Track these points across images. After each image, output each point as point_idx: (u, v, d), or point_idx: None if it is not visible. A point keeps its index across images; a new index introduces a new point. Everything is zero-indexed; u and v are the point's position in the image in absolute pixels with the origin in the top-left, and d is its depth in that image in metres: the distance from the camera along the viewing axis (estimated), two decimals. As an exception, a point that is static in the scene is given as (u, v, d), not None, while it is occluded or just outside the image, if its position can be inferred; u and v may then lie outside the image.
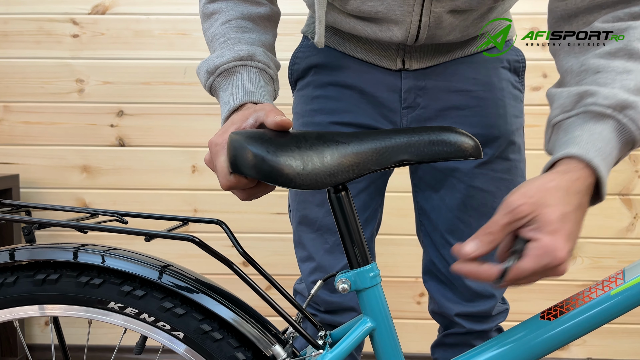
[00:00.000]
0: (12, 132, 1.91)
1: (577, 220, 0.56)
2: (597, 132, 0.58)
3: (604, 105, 0.58)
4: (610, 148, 0.58)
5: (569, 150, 0.58)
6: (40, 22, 1.88)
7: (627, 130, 0.59)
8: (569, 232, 0.55)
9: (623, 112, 0.58)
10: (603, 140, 0.58)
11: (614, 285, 0.61)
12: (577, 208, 0.56)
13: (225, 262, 0.64)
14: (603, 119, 0.59)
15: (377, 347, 0.65)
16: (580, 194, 0.57)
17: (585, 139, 0.58)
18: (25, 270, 0.67)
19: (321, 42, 0.76)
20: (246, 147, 0.59)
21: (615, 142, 0.59)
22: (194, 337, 0.66)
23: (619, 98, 0.58)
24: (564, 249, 0.54)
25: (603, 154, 0.57)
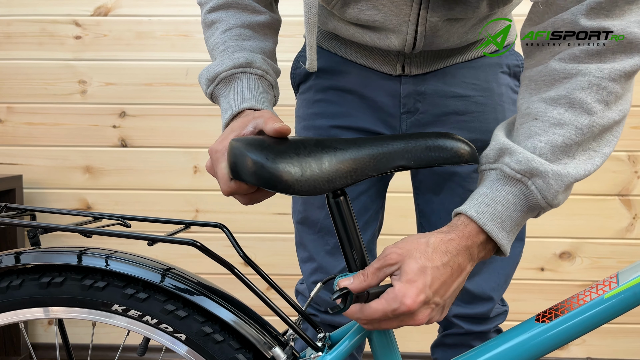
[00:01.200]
0: (15, 133, 1.93)
1: (440, 276, 0.58)
2: (502, 195, 0.60)
3: (515, 170, 0.60)
4: (511, 212, 0.60)
5: (466, 207, 0.61)
6: (43, 24, 1.90)
7: (533, 197, 0.60)
8: (425, 284, 0.57)
9: (532, 179, 0.59)
10: (505, 204, 0.60)
11: (608, 289, 0.62)
12: (443, 265, 0.58)
13: (226, 266, 0.66)
14: (512, 183, 0.60)
15: (375, 349, 0.66)
16: (451, 253, 0.59)
17: (488, 200, 0.60)
18: (30, 274, 0.69)
19: (313, 67, 0.77)
20: (246, 154, 0.60)
21: (519, 207, 0.60)
22: (196, 339, 0.67)
23: (531, 165, 0.59)
24: (414, 298, 0.57)
25: (500, 218, 0.60)
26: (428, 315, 0.59)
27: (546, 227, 1.84)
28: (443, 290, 0.59)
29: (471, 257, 0.61)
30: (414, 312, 0.58)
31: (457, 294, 0.62)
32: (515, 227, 0.62)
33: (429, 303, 0.58)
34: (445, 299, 0.60)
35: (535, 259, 1.86)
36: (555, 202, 0.60)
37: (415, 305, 0.57)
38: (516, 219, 0.61)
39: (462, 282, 0.61)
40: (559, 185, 0.59)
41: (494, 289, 0.92)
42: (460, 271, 0.60)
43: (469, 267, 0.61)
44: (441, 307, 0.60)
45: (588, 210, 1.84)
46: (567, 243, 1.86)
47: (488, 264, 0.91)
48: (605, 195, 1.84)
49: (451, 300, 0.61)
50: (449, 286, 0.59)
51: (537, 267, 1.87)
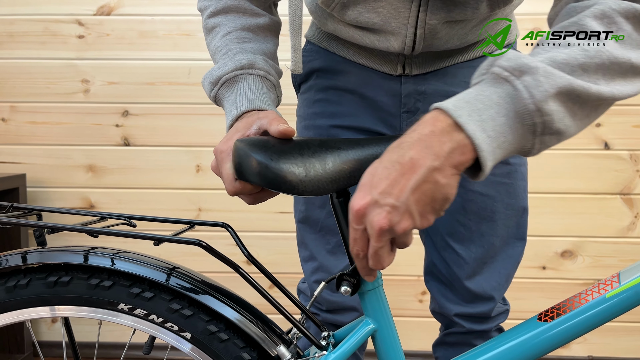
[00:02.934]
0: (19, 132, 1.94)
1: (386, 175, 0.52)
2: (485, 95, 0.53)
3: (503, 67, 0.53)
4: (492, 113, 0.52)
5: (442, 103, 0.54)
6: (46, 23, 1.90)
7: (519, 98, 0.52)
8: (370, 186, 0.53)
9: (520, 78, 0.52)
10: (487, 102, 0.53)
11: (610, 288, 0.62)
12: (390, 162, 0.53)
13: (231, 265, 0.66)
14: (498, 83, 0.54)
15: (379, 348, 0.67)
16: (402, 149, 0.53)
17: (468, 97, 0.54)
18: (37, 273, 0.69)
19: (297, 69, 0.77)
20: (250, 154, 0.61)
21: (504, 110, 0.53)
22: (201, 337, 0.68)
23: (521, 62, 0.53)
24: (357, 200, 0.53)
25: (480, 116, 0.52)
26: (385, 217, 0.52)
27: (548, 226, 1.84)
28: (395, 190, 0.52)
29: (430, 149, 0.52)
30: (365, 215, 0.53)
31: (434, 198, 0.53)
32: (499, 133, 0.53)
33: (380, 205, 0.52)
34: (403, 200, 0.52)
35: (536, 258, 1.86)
36: (546, 107, 0.52)
37: (361, 207, 0.53)
38: (500, 123, 0.53)
39: (424, 180, 0.52)
40: (549, 84, 0.52)
41: (495, 288, 0.92)
42: (412, 166, 0.52)
43: (428, 162, 0.52)
44: (403, 210, 0.52)
45: (590, 209, 1.84)
46: (569, 242, 1.86)
47: (489, 264, 0.91)
48: (607, 194, 1.84)
49: (418, 203, 0.53)
50: (402, 184, 0.52)
51: (539, 265, 1.87)
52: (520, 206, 0.90)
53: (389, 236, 0.54)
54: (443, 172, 0.52)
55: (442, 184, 0.52)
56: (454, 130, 0.52)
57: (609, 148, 1.83)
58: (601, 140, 1.83)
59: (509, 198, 0.89)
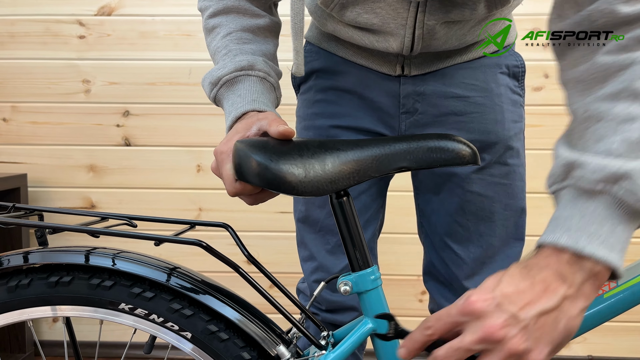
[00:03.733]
0: (20, 132, 1.94)
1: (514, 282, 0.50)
2: (590, 212, 0.51)
3: (594, 181, 0.51)
4: (609, 227, 0.50)
5: (554, 237, 0.51)
6: (47, 23, 1.91)
7: (626, 204, 0.50)
8: (494, 285, 0.50)
9: (617, 184, 0.50)
10: (597, 221, 0.50)
11: (607, 288, 0.63)
12: (519, 273, 0.51)
13: (231, 265, 0.67)
14: (595, 196, 0.51)
15: (378, 348, 0.67)
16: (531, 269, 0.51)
17: (576, 222, 0.51)
18: (39, 273, 0.70)
19: (300, 72, 0.77)
20: (250, 155, 0.61)
21: (617, 219, 0.50)
22: (202, 337, 0.68)
23: (609, 170, 0.50)
24: (479, 295, 0.50)
25: (599, 238, 0.50)
26: (501, 325, 0.48)
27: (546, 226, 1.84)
28: (522, 301, 0.49)
29: (562, 278, 0.50)
30: (479, 315, 0.49)
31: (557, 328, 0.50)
32: (623, 240, 0.51)
33: (502, 309, 0.48)
34: (527, 317, 0.48)
35: (536, 257, 1.86)
36: None
37: (480, 305, 0.49)
38: (619, 231, 0.50)
39: (554, 308, 0.49)
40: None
41: (495, 288, 0.92)
42: (546, 288, 0.49)
43: (563, 289, 0.49)
44: (522, 326, 0.48)
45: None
46: (569, 241, 1.86)
47: (488, 264, 0.92)
48: (607, 194, 1.84)
49: (541, 329, 0.49)
50: (530, 299, 0.49)
51: (539, 265, 1.87)
52: (519, 206, 0.90)
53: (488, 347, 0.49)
54: (575, 302, 0.50)
55: (571, 315, 0.50)
56: (581, 260, 0.50)
57: (609, 148, 1.83)
58: (601, 140, 1.83)
59: (507, 198, 0.89)
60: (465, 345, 0.50)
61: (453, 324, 0.52)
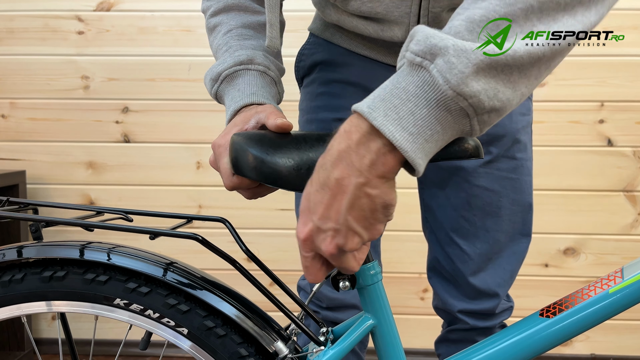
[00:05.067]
0: (18, 129, 1.93)
1: (320, 200, 0.51)
2: (401, 87, 0.48)
3: (415, 52, 0.47)
4: (411, 106, 0.47)
5: (361, 105, 0.49)
6: (46, 19, 1.90)
7: (436, 86, 0.46)
8: (309, 213, 0.52)
9: (434, 61, 0.46)
10: (403, 96, 0.47)
11: (613, 283, 0.61)
12: (320, 188, 0.51)
13: (228, 260, 0.65)
14: (413, 71, 0.48)
15: (378, 344, 0.66)
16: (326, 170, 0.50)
17: (384, 93, 0.49)
18: (32, 268, 0.68)
19: (274, 45, 0.75)
20: (247, 149, 0.60)
21: (423, 100, 0.47)
22: (198, 333, 0.67)
23: (430, 42, 0.46)
24: (301, 229, 0.53)
25: (397, 113, 0.47)
26: (331, 243, 0.51)
27: (550, 223, 1.83)
28: (332, 213, 0.50)
29: (351, 167, 0.49)
30: (313, 242, 0.53)
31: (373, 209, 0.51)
32: (422, 127, 0.47)
33: (323, 230, 0.51)
34: (342, 222, 0.50)
35: (539, 255, 1.85)
36: (467, 90, 0.46)
37: (304, 235, 0.52)
38: (421, 116, 0.47)
39: (356, 197, 0.49)
40: (464, 64, 0.45)
41: (499, 284, 0.91)
42: (339, 187, 0.49)
43: (354, 180, 0.49)
44: (345, 230, 0.51)
45: (592, 206, 1.83)
46: (572, 239, 1.85)
47: (494, 260, 0.90)
48: (610, 191, 1.83)
49: (358, 220, 0.51)
50: (336, 207, 0.50)
51: (541, 263, 1.86)
52: (526, 202, 0.89)
53: (342, 254, 0.53)
54: (371, 185, 0.49)
55: (375, 194, 0.50)
56: (371, 139, 0.48)
57: (612, 145, 1.82)
58: (604, 136, 1.82)
59: (514, 193, 0.88)
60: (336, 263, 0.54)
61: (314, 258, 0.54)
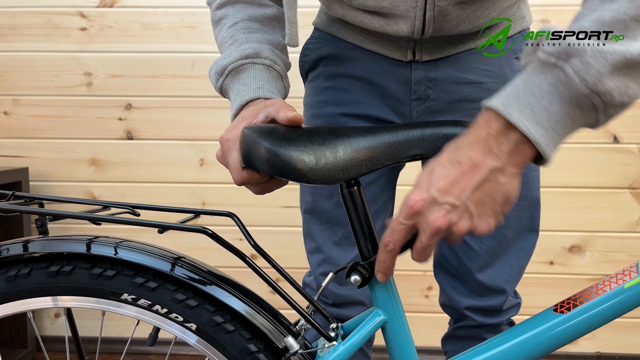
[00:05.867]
0: (21, 126, 1.92)
1: (446, 173, 0.53)
2: (535, 85, 0.52)
3: (549, 53, 0.51)
4: (545, 103, 0.51)
5: (492, 101, 0.53)
6: (49, 15, 1.89)
7: (570, 83, 0.50)
8: (428, 184, 0.53)
9: (569, 61, 0.49)
10: (537, 94, 0.51)
11: (628, 278, 0.60)
12: (449, 161, 0.53)
13: (238, 254, 0.64)
14: (546, 69, 0.51)
15: (390, 340, 0.65)
16: (460, 149, 0.53)
17: (518, 91, 0.52)
18: (39, 262, 0.68)
19: (293, 42, 0.76)
20: (259, 142, 0.59)
21: (557, 97, 0.51)
22: (207, 328, 0.66)
23: (565, 43, 0.50)
24: (414, 197, 0.53)
25: (532, 109, 0.51)
26: (443, 216, 0.52)
27: (556, 220, 1.82)
28: (455, 189, 0.52)
29: (489, 150, 0.52)
30: (422, 213, 0.53)
31: (494, 198, 0.53)
32: (555, 122, 0.51)
33: (439, 203, 0.52)
34: (464, 200, 0.52)
35: (544, 253, 1.84)
36: (602, 87, 0.49)
37: (418, 205, 0.53)
38: (554, 112, 0.51)
39: (485, 180, 0.52)
40: (601, 65, 0.48)
41: (507, 280, 0.90)
42: (473, 166, 0.52)
43: (489, 162, 0.52)
44: (462, 210, 0.53)
45: (598, 203, 1.82)
46: (577, 236, 1.84)
47: (501, 256, 0.89)
48: (616, 189, 1.82)
49: (478, 203, 0.53)
50: (463, 184, 0.52)
51: (547, 260, 1.85)
52: (534, 197, 0.88)
53: (443, 235, 0.54)
54: (504, 172, 0.52)
55: (503, 182, 0.53)
56: (510, 130, 0.52)
57: (618, 142, 1.81)
58: (610, 133, 1.81)
59: (522, 189, 0.86)
60: (424, 242, 0.55)
61: (407, 230, 0.56)
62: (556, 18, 1.77)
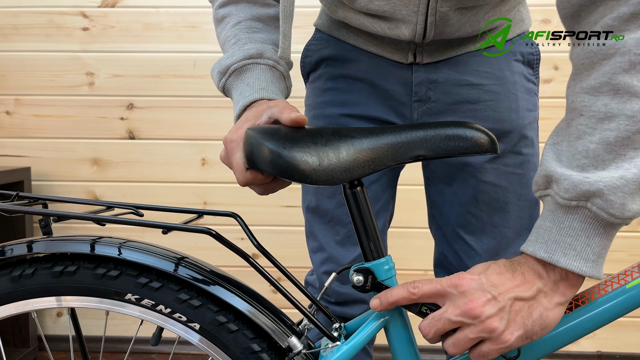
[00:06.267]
0: (23, 125, 1.93)
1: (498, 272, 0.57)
2: (566, 226, 0.55)
3: (567, 199, 0.54)
4: (584, 239, 0.54)
5: (534, 249, 0.57)
6: (51, 15, 1.89)
7: (600, 218, 0.54)
8: (482, 272, 0.57)
9: (590, 201, 0.53)
10: (572, 234, 0.55)
11: (630, 279, 0.61)
12: (499, 267, 0.57)
13: (241, 255, 0.65)
14: (571, 210, 0.55)
15: (392, 340, 0.65)
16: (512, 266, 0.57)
17: (553, 235, 0.56)
18: (43, 262, 0.68)
19: (286, 56, 0.75)
20: (262, 143, 0.60)
21: (592, 231, 0.54)
22: (210, 328, 0.67)
23: (581, 190, 0.53)
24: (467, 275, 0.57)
25: (574, 249, 0.55)
26: (484, 303, 0.55)
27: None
28: (501, 287, 0.56)
29: (539, 275, 0.56)
30: (468, 291, 0.56)
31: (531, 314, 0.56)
32: (600, 250, 0.55)
33: (485, 290, 0.55)
34: (505, 300, 0.55)
35: (545, 252, 1.84)
36: (629, 213, 0.52)
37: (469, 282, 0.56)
38: (595, 244, 0.55)
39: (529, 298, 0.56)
40: (621, 198, 0.52)
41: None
42: (524, 280, 0.56)
43: (538, 283, 0.56)
44: (500, 307, 0.55)
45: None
46: (578, 236, 1.84)
47: (501, 255, 0.89)
48: (617, 188, 1.82)
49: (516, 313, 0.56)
50: (510, 287, 0.56)
51: (547, 260, 1.85)
52: (533, 197, 0.88)
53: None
54: (549, 297, 0.56)
55: (545, 306, 0.56)
56: (564, 279, 0.56)
57: (619, 141, 1.81)
58: (611, 133, 1.81)
59: (521, 189, 0.87)
60: (448, 316, 0.56)
61: (439, 292, 0.58)
62: (556, 18, 1.77)
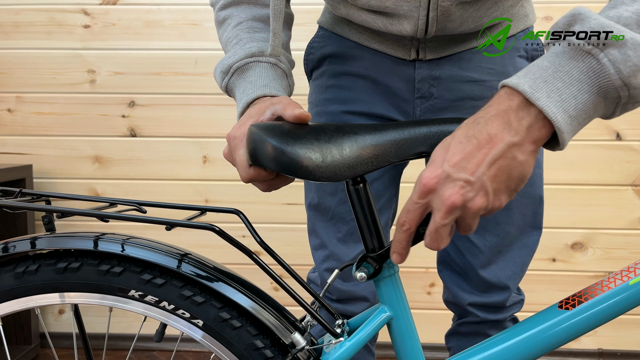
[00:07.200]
0: (25, 123, 1.93)
1: (461, 149, 0.51)
2: (565, 70, 0.51)
3: (584, 40, 0.50)
4: (574, 90, 0.50)
5: (519, 81, 0.51)
6: (52, 13, 1.89)
7: (604, 73, 0.49)
8: (442, 159, 0.52)
9: (605, 50, 0.49)
10: (567, 80, 0.50)
11: (633, 275, 0.61)
12: (465, 137, 0.51)
13: (245, 251, 0.65)
14: (579, 56, 0.50)
15: (395, 336, 0.65)
16: (479, 124, 0.51)
17: (546, 75, 0.51)
18: (46, 259, 0.68)
19: (276, 53, 0.75)
20: (266, 139, 0.60)
21: (586, 86, 0.50)
22: (213, 324, 0.67)
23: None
24: (428, 174, 0.52)
25: (560, 95, 0.50)
26: (458, 192, 0.50)
27: (558, 217, 1.82)
28: (470, 164, 0.50)
29: (508, 125, 0.51)
30: (436, 190, 0.52)
31: (510, 175, 0.51)
32: (580, 111, 0.50)
33: (453, 179, 0.51)
34: (478, 175, 0.50)
35: (546, 250, 1.85)
36: (635, 81, 0.49)
37: (432, 182, 0.51)
38: (582, 100, 0.50)
39: (502, 155, 0.50)
40: (637, 58, 0.48)
41: (510, 277, 0.91)
42: (490, 141, 0.50)
43: (507, 137, 0.50)
44: (478, 186, 0.50)
45: (600, 200, 1.82)
46: (579, 234, 1.84)
47: (504, 253, 0.90)
48: (618, 186, 1.82)
49: (494, 179, 0.51)
50: (478, 159, 0.50)
51: (549, 257, 1.86)
52: (537, 194, 0.88)
53: (457, 214, 0.52)
54: (522, 148, 0.51)
55: (520, 160, 0.51)
56: (530, 105, 0.50)
57: (621, 139, 1.81)
58: (612, 130, 1.81)
59: (525, 186, 0.87)
60: (439, 222, 0.52)
61: (421, 209, 0.54)
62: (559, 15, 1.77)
